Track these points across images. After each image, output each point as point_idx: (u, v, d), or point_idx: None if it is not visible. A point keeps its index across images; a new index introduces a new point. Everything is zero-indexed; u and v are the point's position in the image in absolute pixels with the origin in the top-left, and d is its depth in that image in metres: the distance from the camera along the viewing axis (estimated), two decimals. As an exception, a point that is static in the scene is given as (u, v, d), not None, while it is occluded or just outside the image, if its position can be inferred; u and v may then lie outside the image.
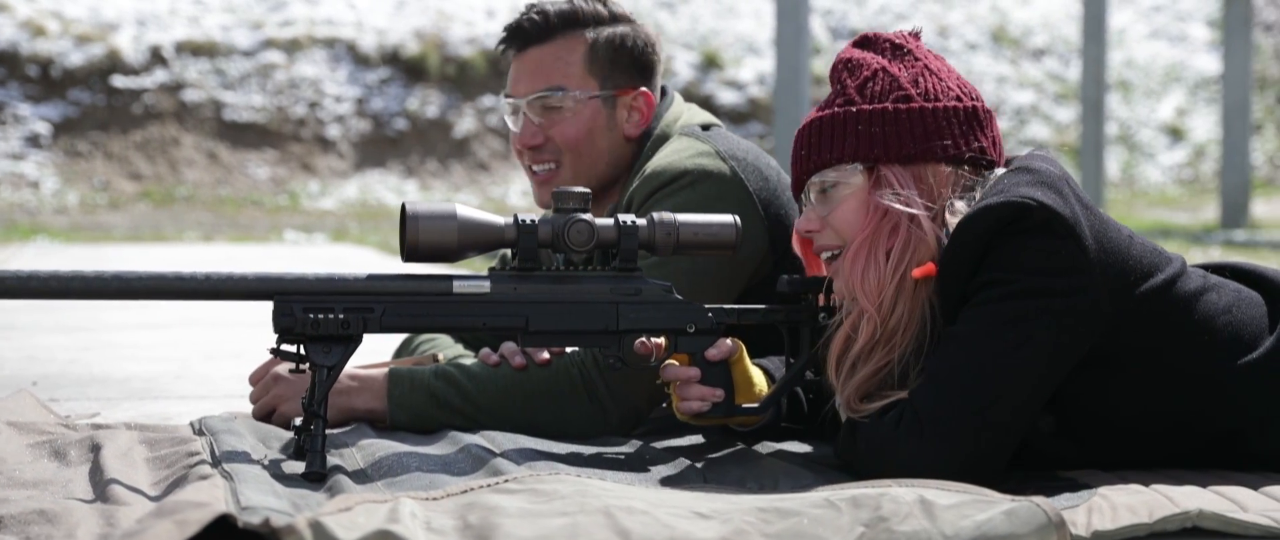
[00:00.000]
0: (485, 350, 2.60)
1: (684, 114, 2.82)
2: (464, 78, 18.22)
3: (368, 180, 17.53)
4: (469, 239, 2.24)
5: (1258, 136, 18.25)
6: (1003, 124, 18.18)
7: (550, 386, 2.51)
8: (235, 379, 3.53)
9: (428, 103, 17.99)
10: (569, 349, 2.54)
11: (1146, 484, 2.05)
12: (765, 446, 2.39)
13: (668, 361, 2.34)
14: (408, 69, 18.38)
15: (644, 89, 2.78)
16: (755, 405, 2.38)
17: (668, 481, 2.13)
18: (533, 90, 2.74)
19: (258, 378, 2.66)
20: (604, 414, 2.51)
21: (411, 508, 1.83)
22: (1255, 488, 2.05)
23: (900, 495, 1.82)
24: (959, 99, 2.23)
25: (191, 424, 2.57)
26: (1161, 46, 19.90)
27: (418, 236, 2.22)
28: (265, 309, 2.34)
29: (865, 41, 2.32)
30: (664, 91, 2.84)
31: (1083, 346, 2.10)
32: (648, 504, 1.83)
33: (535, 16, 2.73)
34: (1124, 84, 19.13)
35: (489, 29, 18.72)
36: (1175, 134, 18.84)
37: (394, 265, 8.88)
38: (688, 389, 2.33)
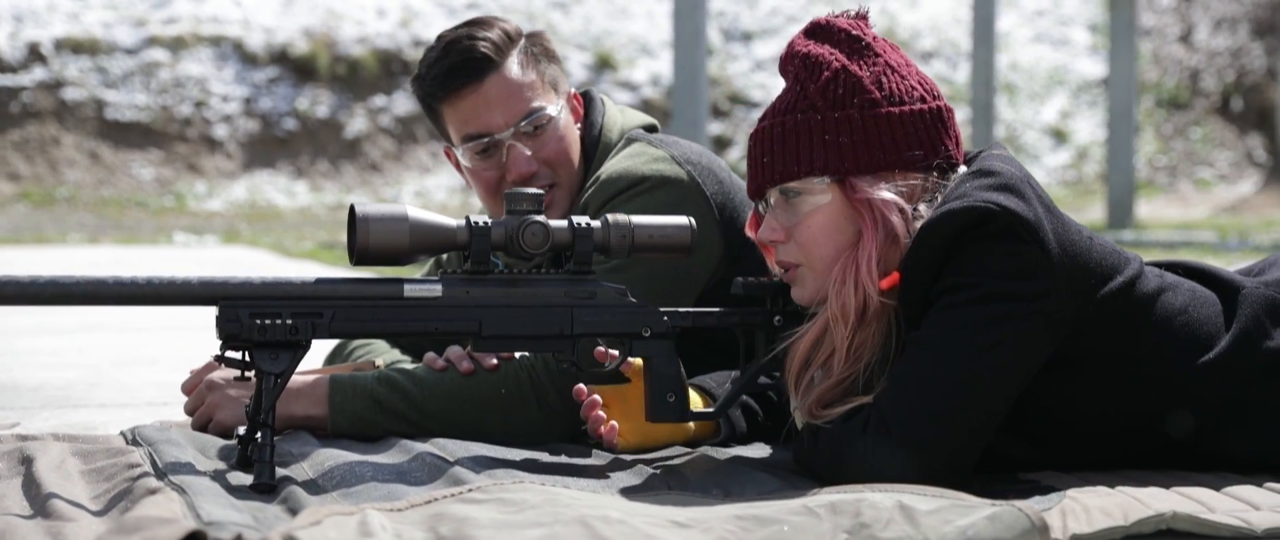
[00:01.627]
0: (430, 354, 2.53)
1: (620, 118, 2.77)
2: (355, 78, 18.00)
3: (256, 181, 17.24)
4: (421, 241, 2.19)
5: (1137, 139, 18.66)
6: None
7: (498, 391, 2.45)
8: (155, 386, 3.42)
9: (318, 103, 17.74)
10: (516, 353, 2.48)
11: (1111, 486, 2.05)
12: (721, 451, 2.36)
13: (589, 399, 2.30)
14: (297, 68, 18.11)
15: (571, 89, 2.74)
16: (710, 410, 2.35)
17: (630, 489, 2.09)
18: (515, 118, 2.60)
19: (191, 387, 2.57)
20: (554, 420, 2.46)
21: (380, 519, 1.77)
22: (1217, 488, 2.06)
23: (878, 501, 1.80)
24: (923, 100, 2.19)
25: (123, 434, 2.48)
26: (1045, 50, 20.25)
27: (368, 239, 2.16)
28: (177, 314, 2.26)
29: (818, 32, 2.24)
30: (590, 96, 2.79)
31: (1048, 349, 2.10)
32: (623, 513, 1.79)
33: (482, 45, 2.59)
34: (1009, 87, 19.44)
35: (379, 28, 18.51)
36: (1059, 136, 19.19)
37: (288, 268, 8.73)
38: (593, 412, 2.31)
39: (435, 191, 17.19)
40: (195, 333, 4.65)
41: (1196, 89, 20.02)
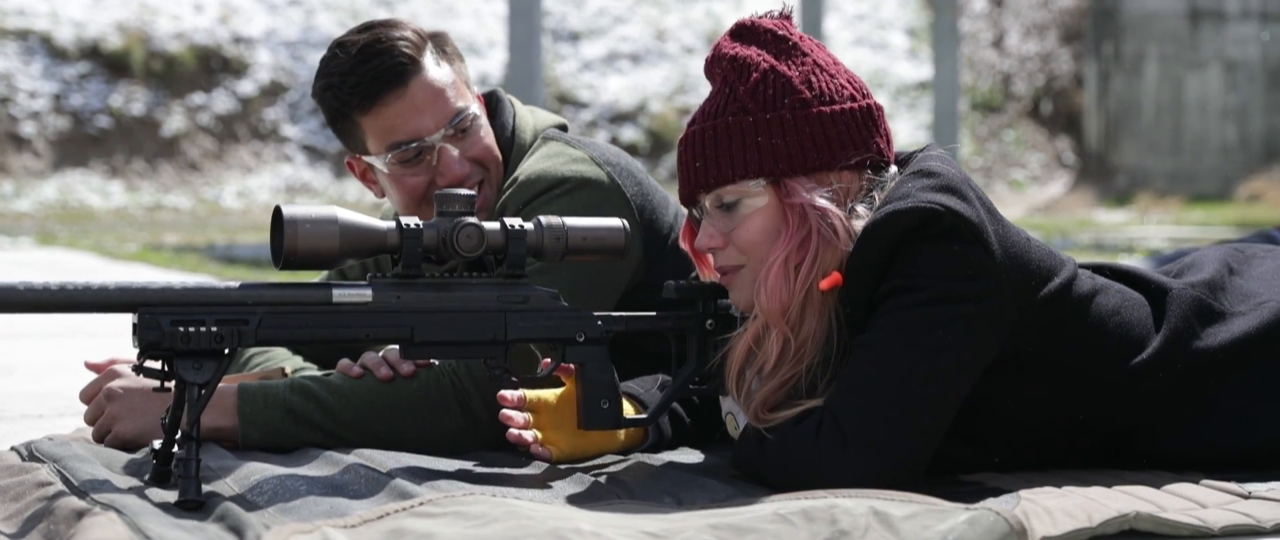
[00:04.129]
0: (345, 361, 2.43)
1: (531, 118, 2.71)
2: (172, 74, 17.49)
3: (68, 180, 16.64)
4: (351, 244, 2.10)
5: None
6: (719, 127, 18.48)
7: (420, 399, 2.37)
8: (25, 397, 3.24)
9: (132, 99, 17.20)
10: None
11: (1058, 486, 2.06)
12: (655, 458, 2.31)
13: (511, 412, 2.23)
14: (109, 64, 17.54)
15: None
16: (642, 417, 2.30)
17: (579, 498, 2.02)
18: (444, 121, 2.50)
19: (90, 395, 2.42)
20: (477, 427, 2.38)
21: (339, 537, 1.69)
22: (1157, 487, 2.07)
23: (851, 507, 1.77)
24: (853, 98, 2.18)
25: (16, 450, 2.33)
26: (865, 53, 20.64)
27: (297, 242, 2.07)
28: (19, 321, 2.13)
29: (743, 33, 2.20)
30: (496, 96, 2.72)
31: (993, 351, 2.10)
32: (594, 524, 1.73)
33: (402, 46, 2.48)
34: (831, 89, 19.77)
35: (197, 24, 18.02)
36: (879, 138, 19.59)
37: (117, 271, 8.42)
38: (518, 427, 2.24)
39: (258, 192, 16.78)
40: (45, 340, 4.43)
41: (1009, 93, 20.63)
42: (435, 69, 2.53)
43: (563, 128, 2.73)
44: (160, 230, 13.80)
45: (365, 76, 2.48)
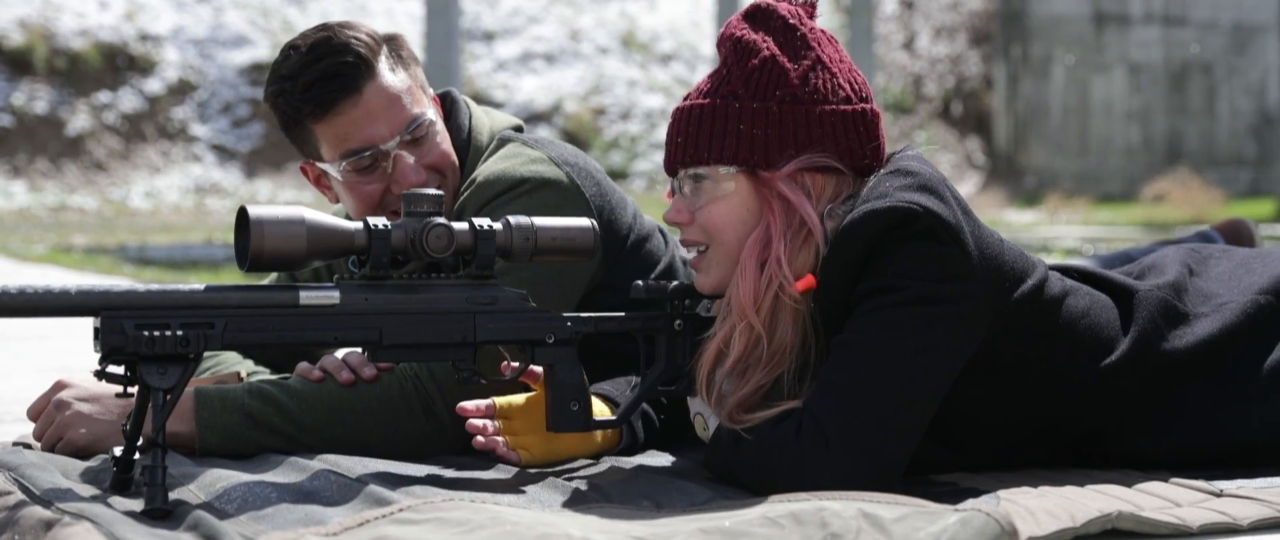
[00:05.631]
0: (304, 364, 2.38)
1: (486, 119, 2.67)
2: (76, 72, 17.16)
3: (-31, 180, 16.26)
4: (318, 246, 2.06)
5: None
6: (634, 127, 18.51)
7: (382, 403, 2.32)
8: (-42, 403, 3.14)
9: (35, 98, 16.84)
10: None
11: (1034, 486, 2.07)
12: (626, 461, 2.29)
13: (475, 420, 2.20)
14: (11, 61, 17.18)
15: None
16: (611, 418, 2.28)
17: (556, 503, 2.00)
18: (399, 128, 2.44)
19: (38, 411, 2.35)
20: (441, 431, 2.34)
21: (324, 546, 1.65)
22: (1129, 486, 2.09)
23: (840, 509, 1.76)
24: (849, 101, 2.16)
25: (-35, 459, 2.25)
26: (778, 55, 20.74)
27: (263, 243, 2.02)
28: None
29: (757, 16, 2.18)
30: (451, 97, 2.68)
31: (970, 352, 2.10)
32: (583, 529, 1.71)
33: (356, 46, 2.42)
34: (744, 90, 19.84)
35: (102, 20, 17.70)
36: (792, 139, 19.68)
37: (28, 274, 8.24)
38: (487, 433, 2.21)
39: (167, 192, 16.50)
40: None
41: (919, 94, 20.84)
42: (390, 74, 2.47)
43: (519, 129, 2.70)
44: (67, 231, 13.53)
45: (318, 76, 2.42)
